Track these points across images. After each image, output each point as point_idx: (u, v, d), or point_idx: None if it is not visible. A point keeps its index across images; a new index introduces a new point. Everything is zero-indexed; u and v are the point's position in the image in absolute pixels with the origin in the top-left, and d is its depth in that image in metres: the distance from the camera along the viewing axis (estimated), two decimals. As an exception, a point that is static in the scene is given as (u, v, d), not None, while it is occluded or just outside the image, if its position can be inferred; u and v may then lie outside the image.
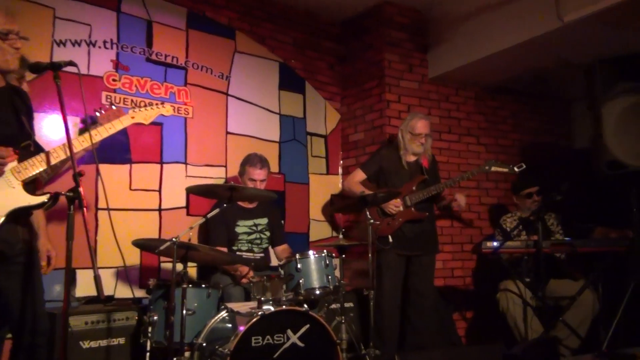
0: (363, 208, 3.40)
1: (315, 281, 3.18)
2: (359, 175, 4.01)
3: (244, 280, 3.44)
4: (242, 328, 2.78)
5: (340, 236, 3.47)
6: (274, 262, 3.94)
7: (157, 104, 2.96)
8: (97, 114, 2.66)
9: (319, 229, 4.75)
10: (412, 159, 3.91)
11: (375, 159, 4.01)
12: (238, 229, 3.77)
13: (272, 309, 2.90)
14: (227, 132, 4.34)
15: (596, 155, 3.37)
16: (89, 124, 2.67)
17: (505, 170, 3.73)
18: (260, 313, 2.83)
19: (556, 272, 4.05)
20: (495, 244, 3.81)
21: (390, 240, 3.54)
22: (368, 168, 4.01)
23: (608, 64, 3.37)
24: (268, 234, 3.87)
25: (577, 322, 3.77)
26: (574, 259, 4.17)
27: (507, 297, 3.92)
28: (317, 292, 3.18)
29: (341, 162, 4.96)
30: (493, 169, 3.74)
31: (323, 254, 3.25)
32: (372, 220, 3.36)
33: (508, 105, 5.28)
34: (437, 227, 4.11)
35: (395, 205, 3.77)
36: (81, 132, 2.76)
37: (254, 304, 3.02)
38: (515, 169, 3.71)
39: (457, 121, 4.94)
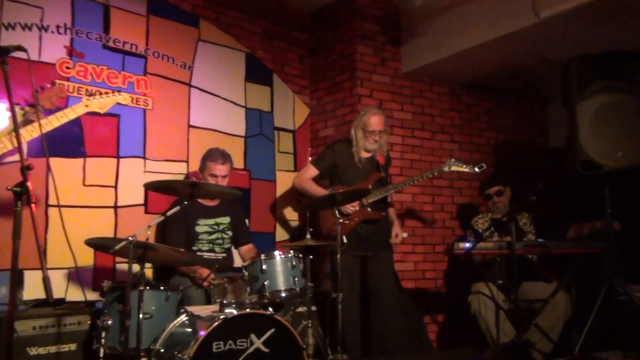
0: (332, 207, 3.40)
1: (281, 283, 3.17)
2: (311, 171, 3.97)
3: (205, 284, 3.41)
4: (202, 333, 2.75)
5: (308, 236, 3.46)
6: (238, 262, 3.91)
7: (113, 92, 2.90)
8: (37, 93, 2.57)
9: (286, 229, 4.75)
10: (366, 155, 3.91)
11: (328, 154, 3.97)
12: (198, 228, 3.73)
13: (235, 312, 2.88)
14: (189, 126, 4.29)
15: (571, 155, 3.44)
16: (28, 108, 2.58)
17: (466, 170, 3.77)
18: (222, 317, 2.81)
19: (529, 274, 4.13)
20: (467, 245, 3.85)
21: (345, 240, 3.54)
22: (320, 164, 3.96)
23: (584, 62, 3.44)
24: (230, 233, 3.84)
25: (550, 325, 3.85)
26: (547, 261, 4.26)
27: (479, 299, 3.98)
28: (283, 294, 3.17)
29: (310, 158, 4.96)
30: (453, 168, 3.78)
31: (289, 255, 3.24)
32: (341, 220, 3.37)
33: (483, 102, 5.36)
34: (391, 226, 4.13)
35: (352, 205, 3.77)
36: (23, 117, 2.67)
37: (215, 307, 3.00)
38: (476, 169, 3.75)
39: (431, 118, 4.99)
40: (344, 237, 3.58)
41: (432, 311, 4.79)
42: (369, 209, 3.82)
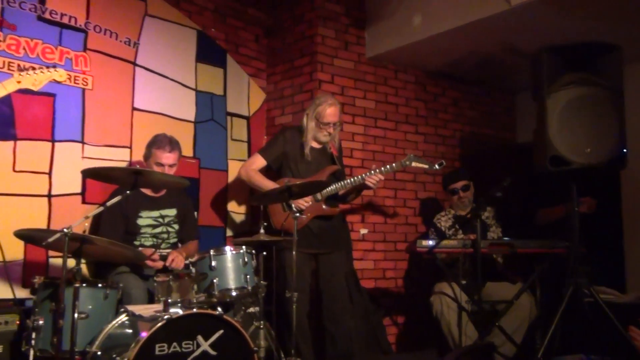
0: (287, 200, 3.40)
1: (232, 281, 3.17)
2: (258, 161, 3.94)
3: (150, 263, 3.35)
4: (144, 334, 2.73)
5: (261, 230, 3.46)
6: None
7: (49, 68, 2.82)
8: None
9: (238, 223, 4.73)
10: (317, 146, 3.91)
11: (277, 142, 3.94)
12: (140, 221, 3.67)
13: (181, 312, 2.86)
14: (134, 108, 4.22)
15: (539, 150, 3.52)
16: None
17: (426, 166, 3.83)
18: (166, 317, 2.79)
19: (493, 274, 4.23)
20: (430, 242, 3.92)
21: (296, 237, 3.55)
22: (269, 153, 3.93)
23: (555, 53, 3.51)
24: (177, 227, 3.79)
25: (514, 327, 3.95)
26: (512, 261, 4.37)
27: (441, 300, 4.05)
28: (234, 293, 3.16)
29: (265, 146, 4.96)
30: (413, 164, 3.83)
31: (241, 251, 3.23)
32: (297, 214, 3.37)
33: (450, 92, 5.44)
34: (347, 223, 4.16)
35: (304, 200, 3.76)
36: None
37: (159, 306, 2.97)
38: (436, 166, 3.81)
39: (395, 107, 5.03)
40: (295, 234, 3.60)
41: (392, 312, 4.85)
42: (323, 205, 3.82)
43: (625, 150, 3.43)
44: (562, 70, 3.52)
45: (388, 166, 3.81)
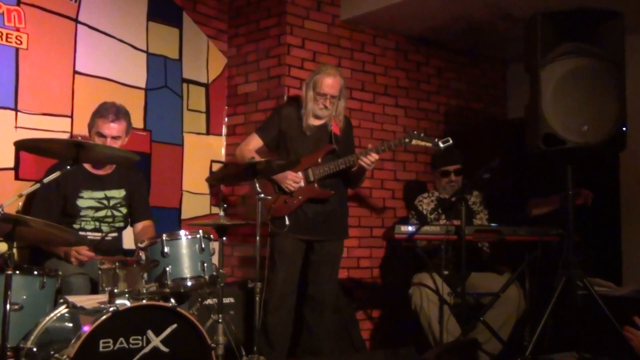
0: (252, 179, 3.40)
1: (187, 269, 3.16)
2: (255, 141, 4.01)
3: (76, 258, 3.32)
4: (86, 328, 2.71)
5: (221, 213, 3.45)
6: (131, 244, 3.85)
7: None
8: None
9: (195, 204, 4.72)
10: (316, 122, 3.94)
11: (273, 120, 4.01)
12: (81, 202, 3.62)
13: (128, 304, 2.85)
14: (75, 72, 4.18)
15: (532, 127, 3.57)
16: None
17: (428, 144, 3.88)
18: (111, 309, 2.78)
19: (478, 264, 4.29)
20: (410, 228, 3.95)
21: (287, 222, 3.57)
22: (266, 132, 4.00)
23: (551, 19, 3.54)
24: (124, 210, 3.76)
25: (500, 323, 4.02)
26: (499, 249, 4.44)
27: (421, 292, 4.10)
28: (189, 283, 3.16)
29: (226, 119, 4.92)
30: (414, 142, 3.87)
31: (198, 236, 3.22)
32: (262, 195, 3.37)
33: (434, 61, 5.46)
34: (348, 209, 4.20)
35: (294, 181, 3.80)
36: None
37: (103, 297, 2.95)
38: (441, 144, 3.85)
39: (373, 77, 5.04)
40: (286, 218, 3.60)
41: (367, 306, 4.89)
42: (316, 186, 3.86)
43: (625, 128, 3.49)
44: (558, 39, 3.56)
45: (385, 144, 3.84)
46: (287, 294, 3.85)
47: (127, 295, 2.97)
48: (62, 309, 2.95)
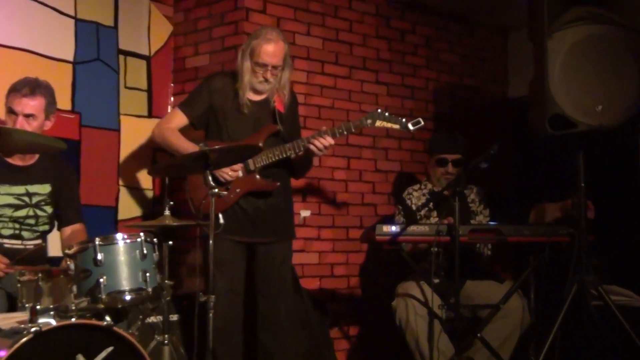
0: (203, 170, 3.38)
1: (125, 281, 3.13)
2: (177, 118, 3.92)
3: None
4: (2, 353, 2.68)
5: (167, 212, 3.43)
6: (58, 251, 3.81)
7: None
8: None
9: (135, 202, 4.70)
10: (256, 97, 3.90)
11: (202, 93, 3.92)
12: (-5, 200, 3.58)
13: (54, 322, 2.82)
14: (-14, 42, 4.14)
15: (537, 108, 3.59)
16: None
17: (396, 126, 3.83)
18: (33, 330, 2.74)
19: (475, 270, 4.31)
20: (394, 228, 3.95)
21: (222, 220, 3.52)
22: (191, 107, 3.91)
23: (560, -20, 3.59)
24: (49, 210, 3.72)
25: (501, 340, 4.05)
26: (499, 253, 4.47)
27: (407, 305, 4.11)
28: (128, 297, 3.13)
29: (172, 99, 4.90)
30: (378, 123, 3.83)
31: (139, 240, 3.20)
32: (216, 190, 3.35)
33: (422, 28, 5.46)
34: (293, 204, 4.18)
35: (232, 169, 3.76)
36: None
37: (23, 315, 2.91)
38: (410, 126, 3.82)
39: (349, 47, 5.03)
40: (220, 216, 3.57)
41: (343, 322, 4.90)
42: (257, 176, 3.81)
43: (646, 108, 3.54)
44: (568, 3, 3.58)
45: (343, 126, 3.81)
46: (230, 308, 3.78)
47: (52, 312, 2.93)
48: (-27, 330, 2.91)
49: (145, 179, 4.74)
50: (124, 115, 4.67)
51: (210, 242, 3.31)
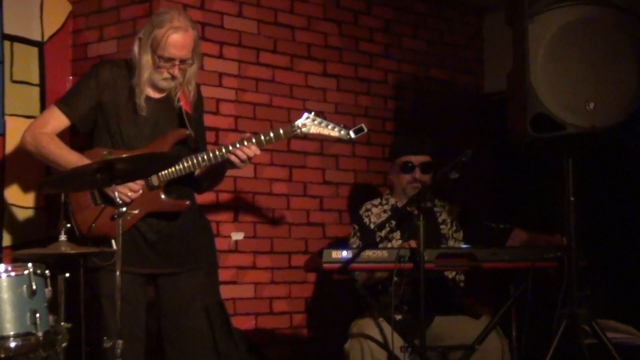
0: (107, 185, 3.34)
1: (9, 324, 3.11)
2: (55, 119, 3.84)
3: None
4: None
5: (63, 237, 3.39)
6: None
7: None
8: None
9: (23, 224, 4.65)
10: (157, 95, 3.86)
11: (87, 88, 3.84)
12: None
13: None
14: None
15: (517, 105, 3.61)
16: None
17: (334, 134, 3.84)
18: None
19: (445, 304, 4.33)
20: (345, 254, 3.94)
21: (115, 246, 3.47)
22: (73, 105, 3.83)
23: (544, -50, 3.62)
24: None
25: (475, 388, 4.08)
26: (474, 282, 4.49)
27: (362, 347, 4.10)
28: (12, 344, 3.10)
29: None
30: (313, 129, 3.83)
31: (26, 272, 3.16)
32: (124, 209, 3.32)
33: (379, 9, 5.50)
34: (209, 223, 4.14)
35: (132, 189, 3.68)
36: None
37: None
38: (352, 133, 3.82)
39: (290, 32, 5.04)
40: (113, 242, 3.53)
41: (284, 369, 4.89)
42: (162, 195, 3.79)
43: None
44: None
45: (272, 133, 3.79)
46: (128, 357, 3.73)
47: None
48: None
49: (35, 196, 4.69)
50: (9, 116, 4.63)
51: (117, 273, 3.29)
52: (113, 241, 3.56)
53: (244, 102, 4.80)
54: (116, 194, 3.35)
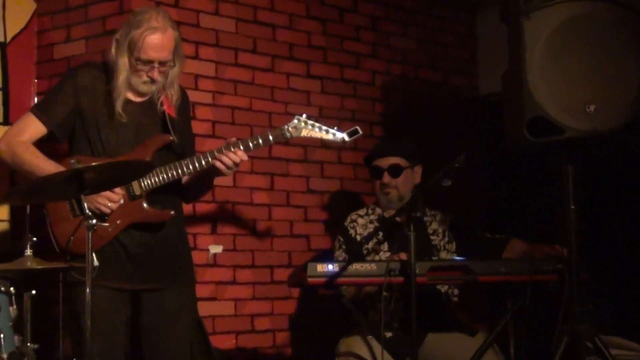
0: (76, 195, 3.34)
1: (-29, 345, 3.06)
2: (32, 126, 3.82)
3: None
4: None
5: (28, 252, 3.38)
6: None
7: None
8: None
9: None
10: (138, 99, 3.86)
11: (64, 93, 3.85)
12: None
13: None
14: None
15: (512, 108, 3.62)
16: None
17: (328, 136, 3.84)
18: None
19: (438, 320, 4.33)
20: (331, 267, 3.93)
21: (96, 262, 3.47)
22: (50, 112, 3.82)
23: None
24: None
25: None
26: (469, 297, 4.49)
27: (350, 367, 4.12)
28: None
29: (36, 99, 4.84)
30: (304, 133, 3.83)
31: (-11, 290, 3.13)
32: (94, 221, 3.30)
33: (366, 6, 5.51)
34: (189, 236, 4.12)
35: (111, 199, 3.69)
36: None
37: None
38: (345, 136, 3.83)
39: (271, 30, 5.05)
40: (94, 256, 3.51)
41: (267, 391, 4.89)
42: (144, 204, 3.79)
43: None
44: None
45: (259, 137, 3.79)
46: None
47: None
48: None
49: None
50: (-35, 123, 4.63)
51: (87, 290, 3.27)
52: (94, 255, 3.55)
53: (221, 106, 4.80)
54: (85, 204, 3.34)
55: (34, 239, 3.51)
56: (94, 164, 3.38)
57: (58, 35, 4.81)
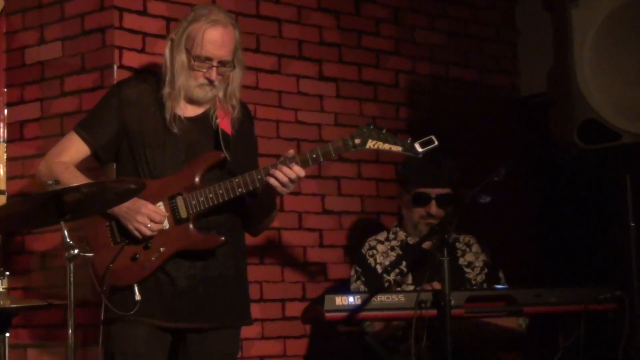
0: (56, 221, 3.36)
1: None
2: (75, 147, 3.91)
3: None
4: None
5: (1, 288, 3.41)
6: None
7: None
8: None
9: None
10: (191, 112, 3.92)
11: (108, 109, 3.94)
12: None
13: None
14: None
15: (560, 110, 3.64)
16: None
17: (397, 148, 3.85)
18: None
19: (478, 358, 4.34)
20: (352, 300, 3.95)
21: (137, 296, 3.48)
22: (95, 131, 3.92)
23: None
24: None
25: None
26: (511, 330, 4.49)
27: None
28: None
29: (5, 111, 4.88)
30: (370, 144, 3.84)
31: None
32: (75, 251, 3.32)
33: (386, -2, 5.55)
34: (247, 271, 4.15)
35: (151, 218, 3.74)
36: None
37: None
38: (418, 147, 3.83)
39: (277, 26, 5.08)
40: (136, 289, 3.54)
41: None
42: (191, 227, 3.82)
43: None
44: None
45: (319, 150, 3.80)
46: None
47: None
48: None
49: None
50: None
51: (70, 332, 3.30)
52: (136, 287, 3.59)
53: (222, 114, 4.82)
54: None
55: (7, 273, 3.53)
56: (74, 184, 3.40)
57: (30, 37, 4.84)
